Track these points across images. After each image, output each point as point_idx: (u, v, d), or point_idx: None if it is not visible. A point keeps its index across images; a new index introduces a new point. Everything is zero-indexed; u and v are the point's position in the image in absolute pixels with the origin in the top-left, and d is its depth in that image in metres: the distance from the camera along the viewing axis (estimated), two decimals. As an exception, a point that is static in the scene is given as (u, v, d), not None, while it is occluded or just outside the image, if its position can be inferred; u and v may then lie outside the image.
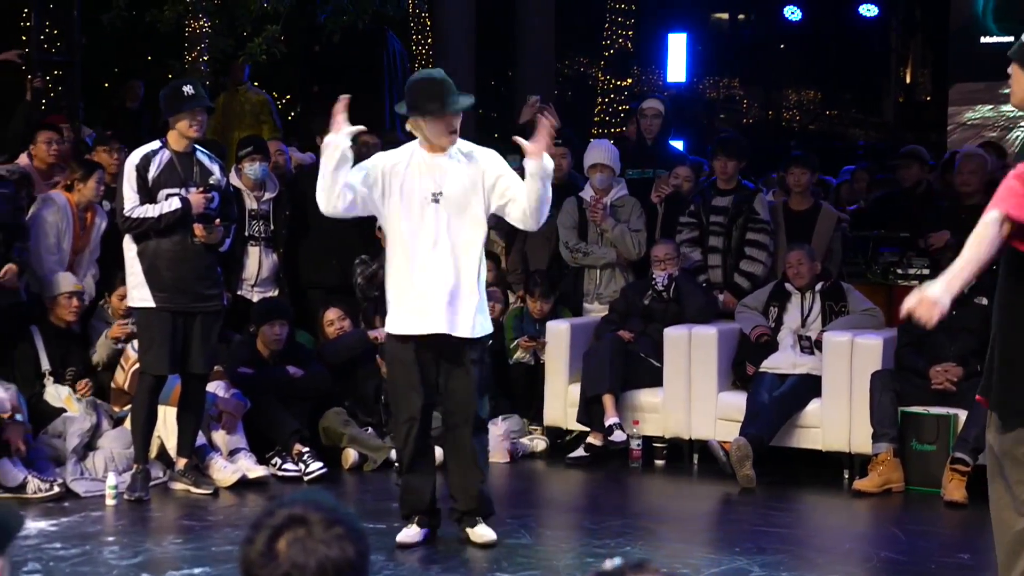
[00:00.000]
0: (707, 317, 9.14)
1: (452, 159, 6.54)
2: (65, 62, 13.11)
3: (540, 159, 6.43)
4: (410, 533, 6.72)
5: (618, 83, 19.92)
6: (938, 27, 19.02)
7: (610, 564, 2.31)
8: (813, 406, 8.58)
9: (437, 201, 6.47)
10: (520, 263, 10.06)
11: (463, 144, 6.61)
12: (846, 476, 8.45)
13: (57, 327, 8.47)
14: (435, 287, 6.44)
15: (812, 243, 9.31)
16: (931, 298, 4.43)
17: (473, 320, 6.51)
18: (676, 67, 19.12)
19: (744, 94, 25.56)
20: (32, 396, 8.15)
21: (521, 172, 10.02)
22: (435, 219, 6.46)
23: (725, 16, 24.15)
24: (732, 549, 6.79)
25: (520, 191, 6.48)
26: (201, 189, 7.61)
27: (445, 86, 6.45)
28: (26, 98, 10.74)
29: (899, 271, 9.64)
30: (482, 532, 6.71)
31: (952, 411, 8.15)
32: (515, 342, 9.54)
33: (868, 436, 8.25)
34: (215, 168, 7.82)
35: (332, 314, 9.21)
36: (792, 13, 19.90)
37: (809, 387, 8.59)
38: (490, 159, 6.63)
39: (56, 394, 8.29)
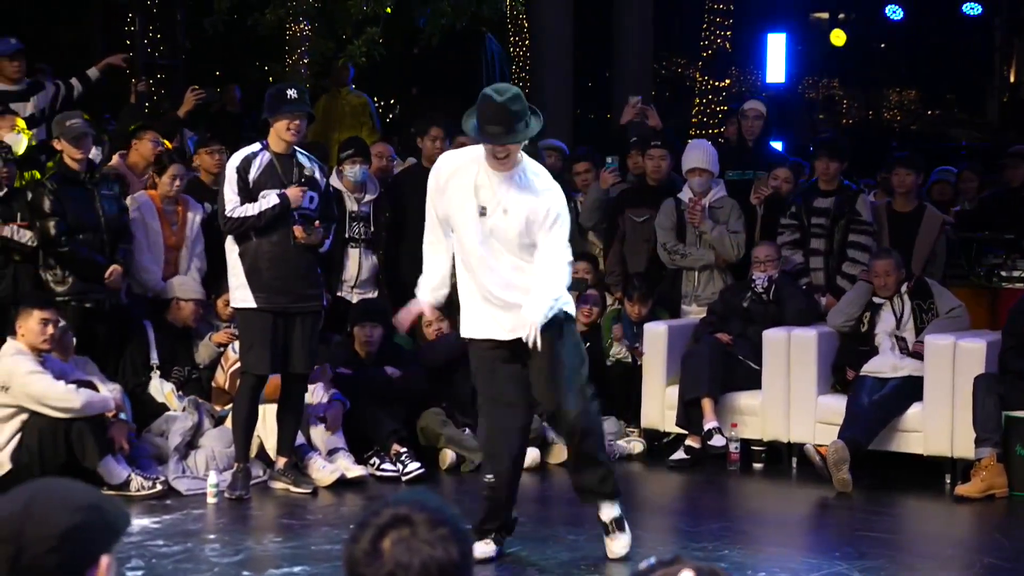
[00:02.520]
0: (807, 320, 9.06)
1: (513, 179, 6.26)
2: (168, 66, 13.31)
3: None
4: (485, 549, 6.47)
5: (716, 84, 19.81)
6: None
7: (645, 564, 2.31)
8: (914, 410, 8.47)
9: (484, 215, 6.25)
10: (618, 264, 10.04)
11: (533, 165, 6.37)
12: (948, 481, 8.33)
13: (173, 326, 8.60)
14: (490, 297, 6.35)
15: (916, 245, 9.20)
16: None
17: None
18: (775, 67, 18.98)
19: (844, 94, 25.34)
20: (136, 387, 8.27)
21: (622, 171, 10.00)
22: (482, 232, 6.27)
23: (825, 15, 23.95)
24: (832, 554, 6.73)
25: (541, 253, 6.24)
26: (297, 183, 7.68)
27: (507, 111, 6.13)
28: (130, 101, 10.90)
29: (1003, 273, 9.50)
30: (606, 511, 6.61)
31: (1058, 416, 8.01)
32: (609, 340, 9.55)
33: (971, 441, 8.13)
34: (315, 169, 7.88)
35: (431, 315, 9.23)
36: (893, 12, 19.68)
37: (910, 390, 8.48)
38: (549, 198, 6.27)
39: (159, 388, 8.42)
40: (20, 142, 8.76)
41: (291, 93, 7.68)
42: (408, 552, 2.29)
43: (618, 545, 6.53)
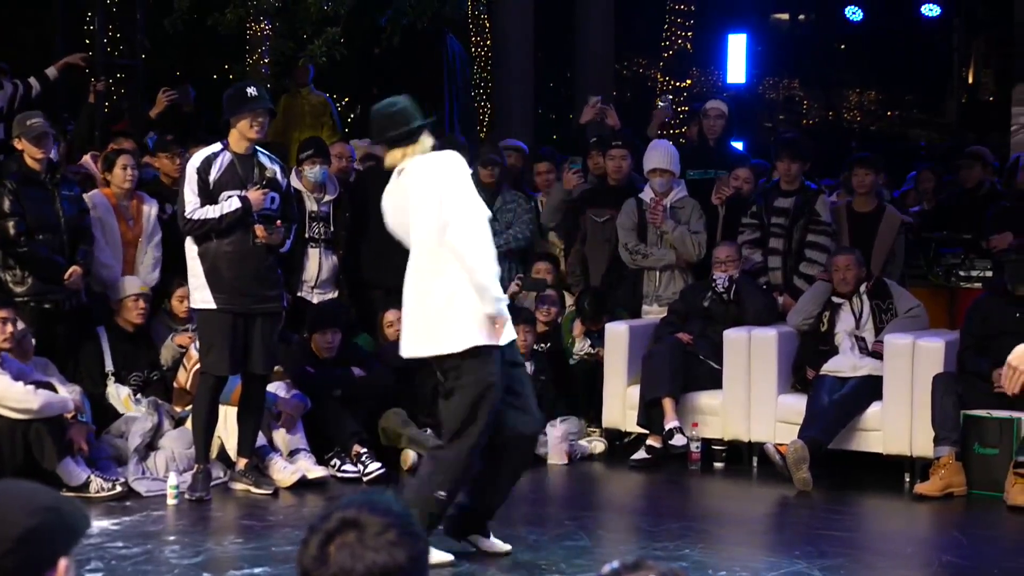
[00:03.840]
0: (767, 319, 9.10)
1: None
2: (128, 65, 13.22)
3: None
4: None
5: (677, 84, 19.86)
6: (1001, 26, 18.85)
7: (608, 568, 2.32)
8: (874, 409, 8.52)
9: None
10: (578, 264, 10.06)
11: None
12: (907, 480, 8.39)
13: (124, 330, 8.56)
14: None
15: (875, 245, 9.25)
16: None
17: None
18: (736, 68, 19.03)
19: (804, 95, 25.43)
20: (94, 395, 8.23)
21: (584, 171, 10.01)
22: None
23: (785, 16, 24.04)
24: (792, 553, 6.76)
25: None
26: (259, 187, 7.65)
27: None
28: (89, 100, 10.84)
29: (961, 273, 9.56)
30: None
31: (1016, 415, 8.06)
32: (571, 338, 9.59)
33: (930, 439, 8.18)
34: (276, 169, 7.86)
35: (391, 315, 9.23)
36: (853, 13, 19.77)
37: (870, 390, 8.53)
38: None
39: (116, 394, 8.38)
40: None
41: (251, 91, 7.67)
42: (352, 558, 2.29)
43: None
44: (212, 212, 7.57)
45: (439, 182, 6.24)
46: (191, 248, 7.67)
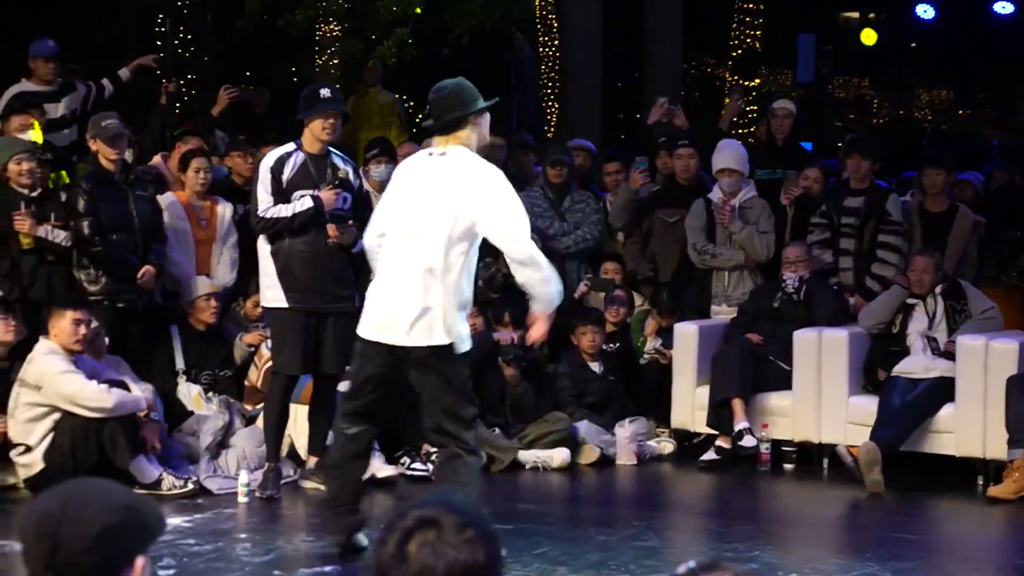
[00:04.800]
0: (838, 320, 9.03)
1: None
2: (198, 66, 13.35)
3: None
4: None
5: (746, 83, 19.76)
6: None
7: (684, 568, 2.30)
8: (946, 411, 8.43)
9: None
10: (646, 264, 10.03)
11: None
12: (980, 482, 8.29)
13: (196, 329, 8.63)
14: None
15: (948, 246, 9.16)
16: None
17: None
18: (805, 67, 18.93)
19: (874, 94, 25.24)
20: (166, 394, 8.30)
21: (651, 172, 10.00)
22: None
23: (855, 15, 23.87)
24: (863, 555, 6.70)
25: None
26: (332, 186, 7.69)
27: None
28: (161, 102, 10.95)
29: (1035, 274, 9.45)
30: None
31: (1091, 417, 7.96)
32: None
33: (1003, 442, 8.10)
34: (348, 170, 7.89)
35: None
36: (924, 11, 19.59)
37: (942, 391, 8.45)
38: None
39: (187, 393, 8.46)
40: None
41: (325, 92, 7.70)
42: (433, 555, 2.29)
43: None
44: (284, 211, 7.61)
45: (481, 186, 6.10)
46: (264, 247, 7.72)
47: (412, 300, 6.04)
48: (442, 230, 6.04)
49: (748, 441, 8.72)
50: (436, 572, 2.28)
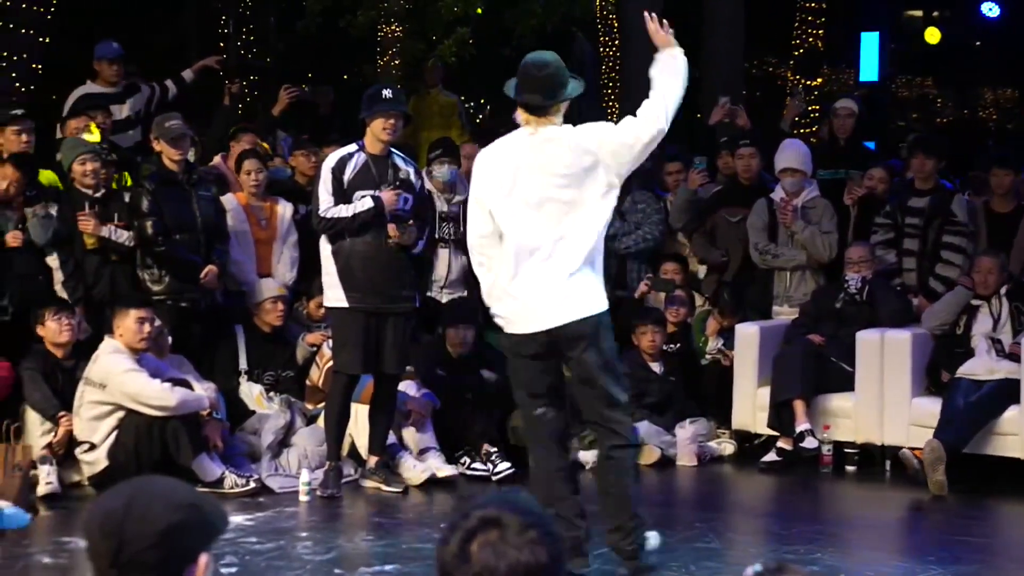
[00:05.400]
0: (901, 321, 8.96)
1: None
2: (261, 67, 13.43)
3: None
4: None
5: (808, 83, 19.65)
6: None
7: (751, 570, 2.29)
8: (1011, 412, 8.35)
9: None
10: (717, 252, 9.99)
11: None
12: (1046, 485, 8.21)
13: (261, 330, 8.68)
14: None
15: (1014, 246, 9.07)
16: None
17: None
18: (868, 66, 18.79)
19: (938, 93, 25.02)
20: (229, 393, 8.36)
21: (711, 171, 9.97)
22: None
23: (919, 13, 23.68)
24: (926, 558, 6.65)
25: None
26: (393, 187, 7.72)
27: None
28: (224, 103, 11.03)
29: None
30: None
31: None
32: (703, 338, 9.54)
33: (1069, 444, 8.01)
34: (410, 170, 7.92)
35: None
36: (990, 9, 19.41)
37: (1007, 393, 8.36)
38: None
39: (249, 392, 8.51)
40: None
41: (387, 93, 7.75)
42: (495, 556, 2.29)
43: None
44: (345, 211, 7.64)
45: (600, 147, 5.98)
46: (325, 247, 7.76)
47: (554, 280, 5.89)
48: (569, 200, 5.91)
49: (810, 442, 8.67)
50: (498, 572, 2.28)
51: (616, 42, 18.19)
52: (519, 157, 6.02)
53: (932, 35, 20.37)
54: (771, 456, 8.83)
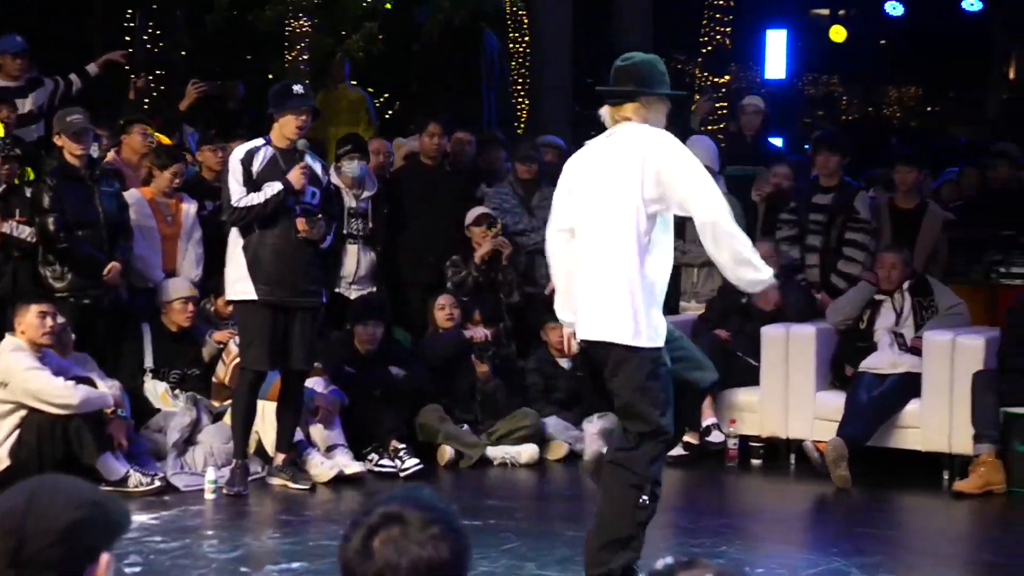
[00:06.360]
0: (806, 316, 9.07)
1: None
2: (168, 62, 13.29)
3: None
4: None
5: (716, 80, 19.79)
6: (1043, 22, 18.73)
7: (661, 563, 2.31)
8: (912, 406, 8.48)
9: None
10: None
11: None
12: (946, 477, 8.34)
13: (168, 329, 8.59)
14: None
15: (917, 242, 9.20)
16: None
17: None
18: (775, 64, 18.96)
19: (844, 91, 25.31)
20: (133, 391, 8.27)
21: None
22: None
23: (825, 12, 23.92)
24: (830, 550, 6.74)
25: None
26: (299, 167, 7.68)
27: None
28: (129, 98, 10.90)
29: (1002, 270, 9.50)
30: None
31: (1056, 413, 8.02)
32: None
33: (969, 437, 8.14)
34: (317, 166, 7.90)
35: (444, 299, 9.25)
36: (893, 8, 19.66)
37: (909, 386, 8.49)
38: None
39: (153, 390, 8.42)
40: None
41: (297, 88, 7.73)
42: (397, 552, 2.29)
43: None
44: (257, 198, 7.62)
45: (654, 158, 5.58)
46: (236, 241, 7.72)
47: (602, 295, 5.64)
48: (624, 216, 5.59)
49: (716, 437, 8.75)
50: (400, 569, 2.28)
51: (526, 38, 18.22)
52: (591, 152, 5.83)
53: (837, 33, 20.59)
54: (678, 450, 8.86)
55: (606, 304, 5.64)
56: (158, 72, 13.46)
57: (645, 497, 5.68)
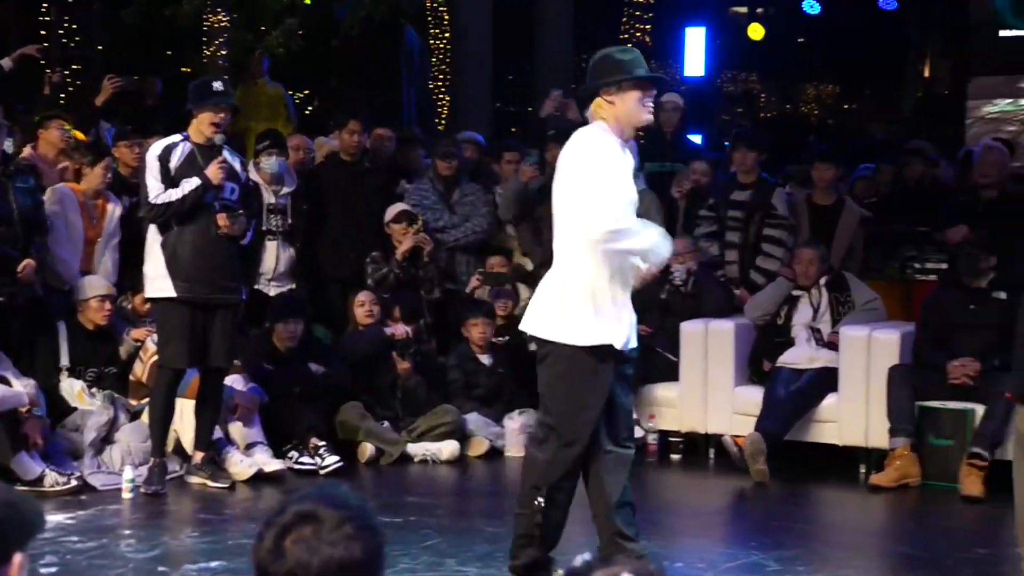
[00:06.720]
0: (725, 312, 9.13)
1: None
2: (84, 57, 13.15)
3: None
4: None
5: (636, 77, 19.85)
6: (957, 21, 18.96)
7: (580, 560, 2.32)
8: (829, 400, 8.56)
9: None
10: (539, 250, 10.06)
11: None
12: (862, 471, 8.43)
13: (84, 327, 8.49)
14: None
15: (834, 238, 9.29)
16: None
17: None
18: (694, 61, 19.09)
19: (762, 88, 25.51)
20: (49, 390, 8.17)
21: (541, 165, 9.98)
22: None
23: (743, 9, 24.11)
24: (748, 544, 6.79)
25: None
26: (217, 161, 7.62)
27: (638, 55, 5.72)
28: (44, 93, 10.76)
29: (917, 266, 9.62)
30: None
31: (970, 406, 8.13)
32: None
33: (885, 431, 8.23)
34: (236, 162, 7.85)
35: (364, 296, 9.22)
36: (811, 6, 19.85)
37: (826, 381, 8.57)
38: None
39: (69, 389, 8.32)
40: None
41: (217, 85, 7.67)
42: (308, 552, 2.29)
43: None
44: (175, 194, 7.55)
45: (578, 162, 5.59)
46: (154, 238, 7.64)
47: (538, 289, 5.75)
48: (562, 217, 5.66)
49: (635, 432, 8.77)
50: (311, 568, 2.28)
51: (446, 35, 18.21)
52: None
53: (755, 31, 20.76)
54: (598, 446, 8.92)
55: (537, 298, 5.75)
56: (74, 67, 13.33)
57: (541, 500, 5.69)
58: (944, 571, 6.46)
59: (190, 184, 7.56)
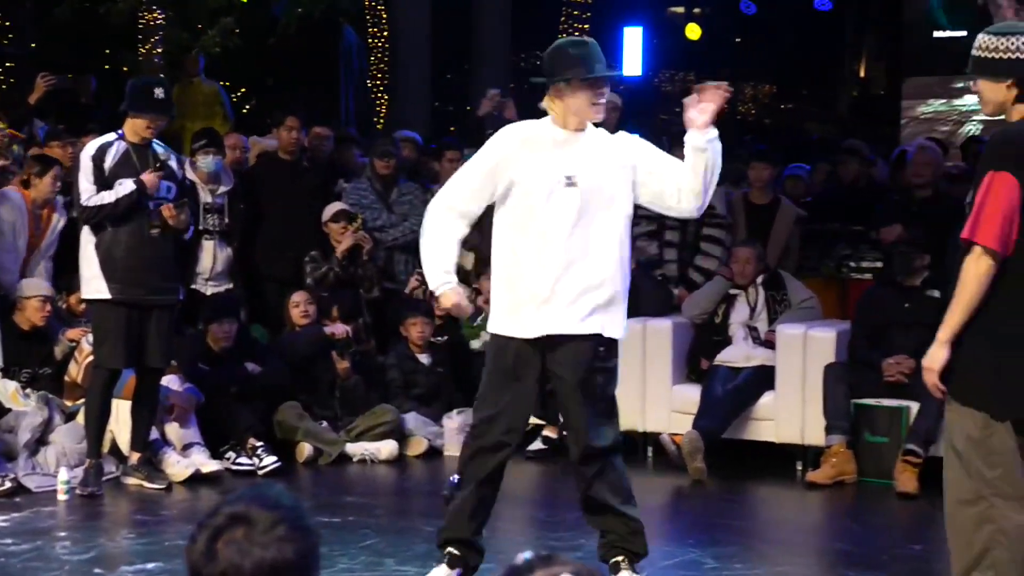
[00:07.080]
0: (662, 310, 9.16)
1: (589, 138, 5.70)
2: (17, 55, 13.03)
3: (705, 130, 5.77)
4: (439, 573, 5.84)
5: (574, 77, 19.89)
6: (892, 21, 19.14)
7: (520, 559, 2.32)
8: (766, 398, 8.62)
9: (573, 185, 5.59)
10: (467, 255, 10.05)
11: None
12: (799, 468, 8.49)
13: (19, 327, 8.40)
14: (570, 281, 5.64)
15: (771, 237, 9.35)
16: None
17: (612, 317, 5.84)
18: (631, 61, 19.16)
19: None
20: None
21: None
22: (567, 205, 5.59)
23: (681, 9, 24.21)
24: (685, 541, 6.83)
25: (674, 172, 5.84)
26: (153, 169, 7.57)
27: (592, 48, 5.61)
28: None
29: (852, 264, 9.70)
30: None
31: (904, 403, 8.20)
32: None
33: (821, 428, 8.29)
34: (171, 158, 7.79)
35: (299, 297, 9.18)
36: (747, 6, 19.95)
37: (763, 379, 8.62)
38: (636, 143, 5.91)
39: (3, 389, 8.23)
40: None
41: (158, 92, 7.58)
42: (240, 554, 2.28)
43: None
44: (108, 197, 7.48)
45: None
46: (88, 239, 7.57)
47: None
48: None
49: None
50: (243, 570, 2.27)
51: (384, 33, 18.16)
52: None
53: (693, 31, 20.86)
54: (537, 445, 8.94)
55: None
56: (7, 64, 13.20)
57: (448, 488, 5.87)
58: (880, 567, 6.52)
59: (124, 188, 7.48)
